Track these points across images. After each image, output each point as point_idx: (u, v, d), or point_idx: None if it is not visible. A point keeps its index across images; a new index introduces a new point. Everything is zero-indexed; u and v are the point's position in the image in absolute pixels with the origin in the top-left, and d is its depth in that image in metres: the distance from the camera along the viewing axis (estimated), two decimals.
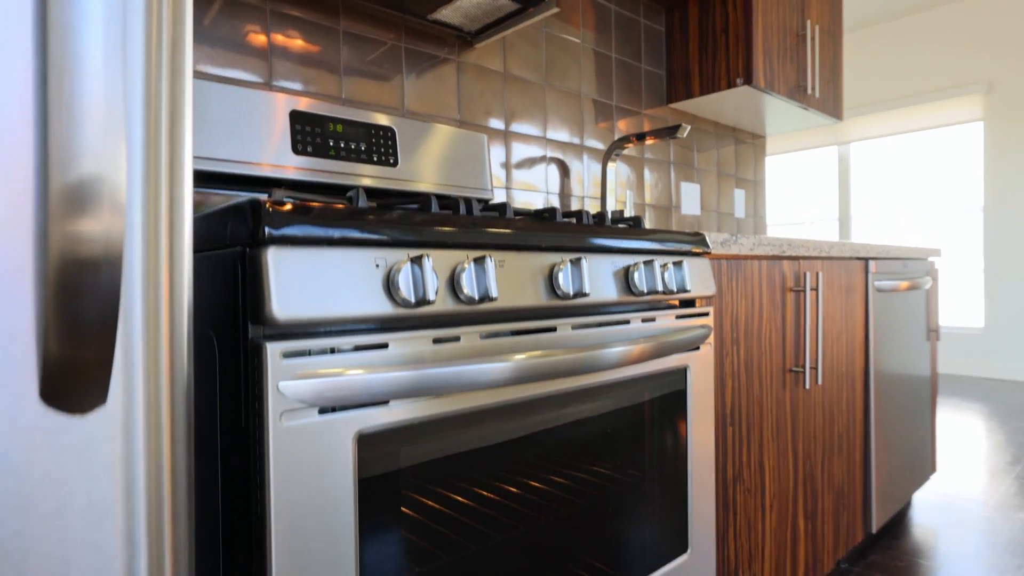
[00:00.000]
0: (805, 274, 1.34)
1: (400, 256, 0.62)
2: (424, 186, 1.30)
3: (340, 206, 0.60)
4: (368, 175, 1.21)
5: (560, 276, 0.75)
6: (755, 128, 2.40)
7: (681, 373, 0.97)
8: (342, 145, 1.18)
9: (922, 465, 1.96)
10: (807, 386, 1.33)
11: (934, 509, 2.04)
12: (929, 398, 2.02)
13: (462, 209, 0.74)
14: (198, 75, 1.11)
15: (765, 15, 1.90)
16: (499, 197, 1.59)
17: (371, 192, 1.24)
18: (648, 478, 0.90)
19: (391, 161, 1.25)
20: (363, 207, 0.63)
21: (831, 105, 2.22)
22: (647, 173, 2.03)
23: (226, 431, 0.57)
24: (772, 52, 1.93)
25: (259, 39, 1.18)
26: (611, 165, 1.73)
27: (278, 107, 1.11)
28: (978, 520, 1.94)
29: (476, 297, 0.65)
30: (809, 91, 2.06)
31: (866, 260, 1.62)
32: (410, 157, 1.29)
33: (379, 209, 0.62)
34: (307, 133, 1.14)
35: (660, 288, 0.87)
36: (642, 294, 0.86)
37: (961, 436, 2.92)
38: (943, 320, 4.59)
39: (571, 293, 0.75)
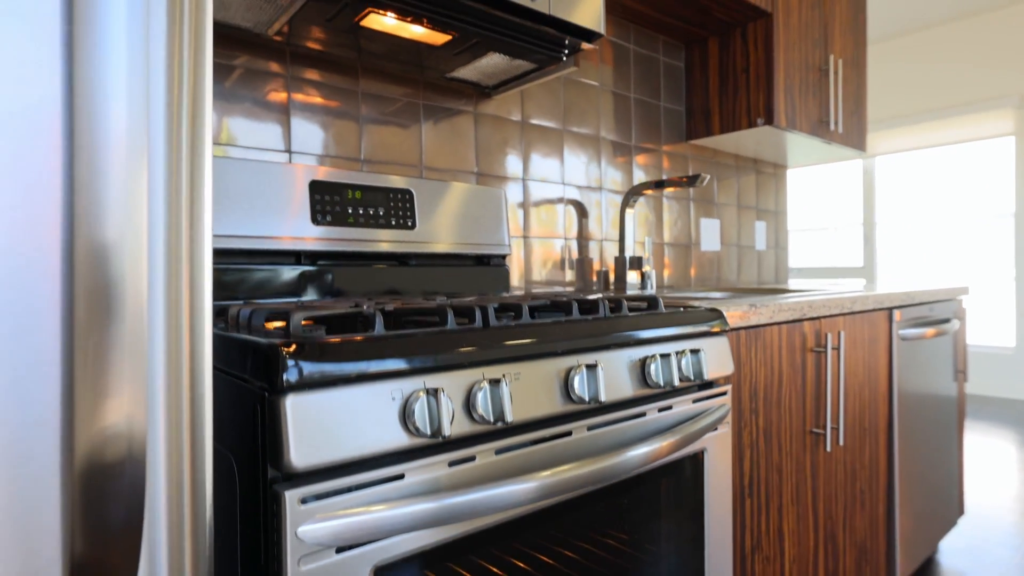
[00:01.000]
0: (827, 335, 1.32)
1: (416, 385, 0.62)
2: (442, 246, 1.31)
3: (358, 338, 0.61)
4: (386, 239, 1.23)
5: (576, 381, 0.76)
6: (777, 159, 2.37)
7: (698, 454, 0.97)
8: (360, 212, 1.20)
9: (949, 509, 1.92)
10: (828, 448, 1.31)
11: (963, 555, 2.00)
12: (956, 438, 1.97)
13: (478, 318, 0.74)
14: (219, 149, 1.13)
15: (787, 52, 1.88)
16: (516, 248, 1.59)
17: (389, 256, 1.25)
18: (664, 553, 0.90)
19: (409, 224, 1.26)
20: (379, 334, 0.64)
21: (855, 138, 2.19)
22: (666, 211, 2.02)
23: (246, 565, 0.58)
24: (794, 89, 1.90)
25: (279, 104, 1.20)
26: (629, 211, 1.72)
27: (297, 178, 1.13)
28: (1011, 568, 1.90)
29: (491, 420, 0.65)
30: (832, 127, 2.03)
31: (890, 310, 1.59)
32: (428, 218, 1.30)
33: (395, 336, 0.63)
34: (326, 203, 1.15)
35: (677, 380, 0.87)
36: (659, 387, 0.86)
37: (991, 466, 2.86)
38: (972, 339, 4.48)
39: (586, 399, 0.75)
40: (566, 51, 1.24)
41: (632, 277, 1.73)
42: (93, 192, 0.37)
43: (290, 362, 0.55)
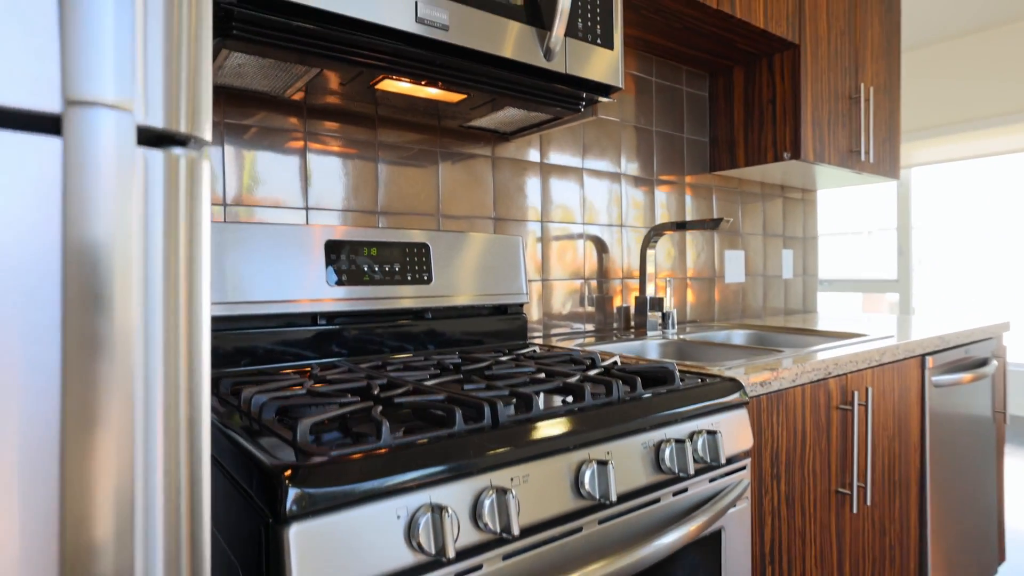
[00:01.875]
0: (853, 392, 1.28)
1: (422, 500, 0.62)
2: (458, 299, 1.30)
3: (357, 455, 0.60)
4: (402, 295, 1.22)
5: (586, 477, 0.74)
6: (805, 184, 2.31)
7: (715, 533, 0.94)
8: (376, 269, 1.20)
9: (988, 556, 1.85)
10: (855, 510, 1.27)
11: None
12: (996, 482, 1.90)
13: (486, 415, 0.73)
14: (241, 210, 1.14)
15: (815, 84, 1.83)
16: (535, 289, 1.58)
17: (405, 312, 1.25)
18: None
19: (425, 278, 1.26)
20: (385, 445, 0.63)
21: (887, 166, 2.12)
22: (689, 244, 1.98)
23: None
24: (822, 122, 1.85)
25: (297, 159, 1.21)
26: (650, 251, 1.69)
27: (314, 239, 1.13)
28: None
29: (498, 531, 0.65)
30: (863, 157, 1.97)
31: (922, 357, 1.54)
32: (444, 271, 1.29)
33: (402, 446, 0.63)
34: (342, 262, 1.16)
35: (691, 468, 0.85)
36: (673, 473, 0.84)
37: None
38: (1012, 356, 4.32)
39: (596, 496, 0.74)
40: (584, 103, 1.23)
41: (653, 316, 1.70)
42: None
43: (294, 491, 0.55)
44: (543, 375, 0.98)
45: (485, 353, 1.23)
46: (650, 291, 1.71)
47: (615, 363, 1.10)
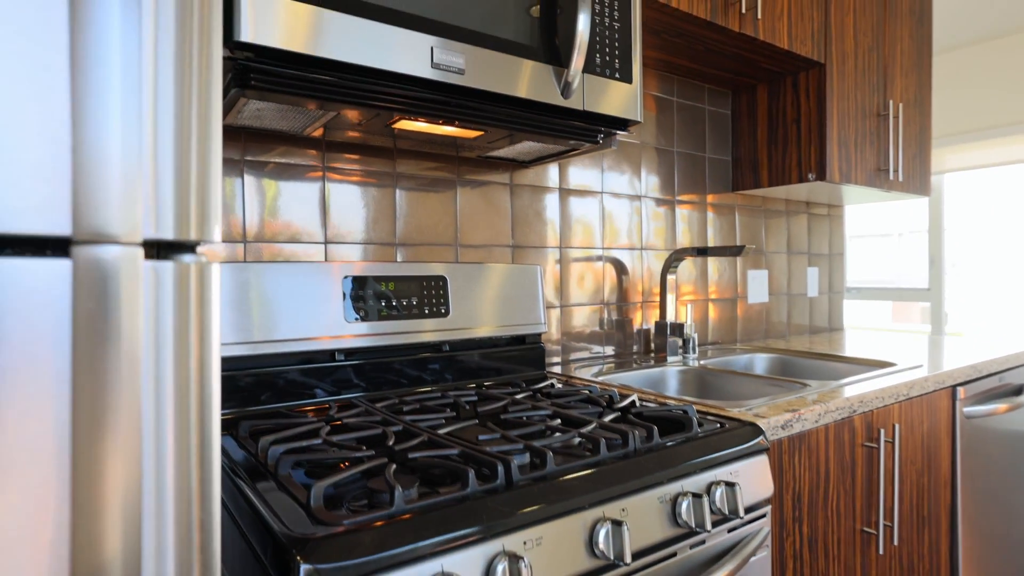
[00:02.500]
0: (879, 429, 1.25)
1: (434, 568, 0.62)
2: (476, 332, 1.30)
3: (369, 525, 0.61)
4: (420, 330, 1.23)
5: (600, 536, 0.73)
6: (832, 200, 2.26)
7: None
8: (394, 303, 1.20)
9: None
10: (881, 550, 1.24)
11: None
12: None
13: (500, 474, 0.73)
14: (262, 247, 1.15)
15: (841, 102, 1.78)
16: (554, 316, 1.57)
17: (422, 346, 1.25)
18: None
19: (443, 311, 1.26)
20: (398, 512, 0.63)
21: (916, 183, 2.06)
22: (711, 264, 1.95)
23: None
24: (848, 141, 1.81)
25: (316, 192, 1.22)
26: (671, 276, 1.67)
27: (333, 276, 1.14)
28: None
29: None
30: (892, 175, 1.92)
31: (953, 388, 1.49)
32: (462, 303, 1.29)
33: (417, 511, 0.63)
34: (360, 298, 1.16)
35: (709, 523, 0.83)
36: (689, 527, 0.83)
37: None
38: None
39: (611, 557, 0.73)
40: (602, 136, 1.22)
41: (674, 340, 1.68)
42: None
43: (306, 567, 0.55)
44: (558, 421, 0.97)
45: (502, 389, 1.22)
46: (671, 314, 1.69)
47: (632, 403, 1.09)
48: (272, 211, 1.17)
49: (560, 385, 1.29)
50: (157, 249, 0.40)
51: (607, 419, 0.96)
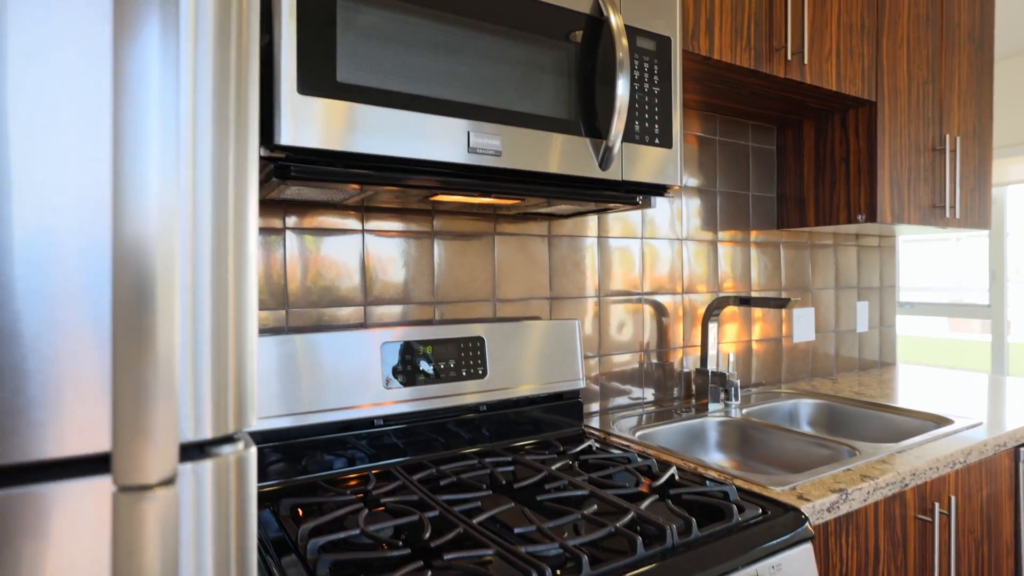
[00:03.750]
0: (934, 502, 1.19)
1: None
2: (514, 391, 1.30)
3: None
4: (458, 392, 1.23)
5: None
6: (883, 232, 2.18)
7: None
8: (431, 368, 1.21)
9: None
10: None
11: None
12: None
13: None
14: (301, 309, 1.18)
15: (893, 141, 1.71)
16: (592, 365, 1.56)
17: (460, 408, 1.26)
18: None
19: (480, 372, 1.27)
20: None
21: (976, 217, 1.96)
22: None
23: None
24: (901, 181, 1.73)
25: (355, 255, 1.24)
26: (712, 324, 1.64)
27: (371, 343, 1.16)
28: None
29: None
30: (948, 213, 1.83)
31: (1016, 449, 1.42)
32: (499, 363, 1.29)
33: None
34: (398, 364, 1.18)
35: None
36: None
37: None
38: None
39: None
40: (640, 199, 1.20)
41: (715, 388, 1.65)
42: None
43: None
44: (595, 507, 0.96)
45: (539, 455, 1.22)
46: (712, 359, 1.65)
47: (672, 479, 1.07)
48: (313, 276, 1.20)
49: (597, 446, 1.28)
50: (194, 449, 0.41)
51: (645, 504, 0.94)
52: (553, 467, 1.12)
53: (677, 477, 1.09)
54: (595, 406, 1.58)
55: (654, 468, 1.12)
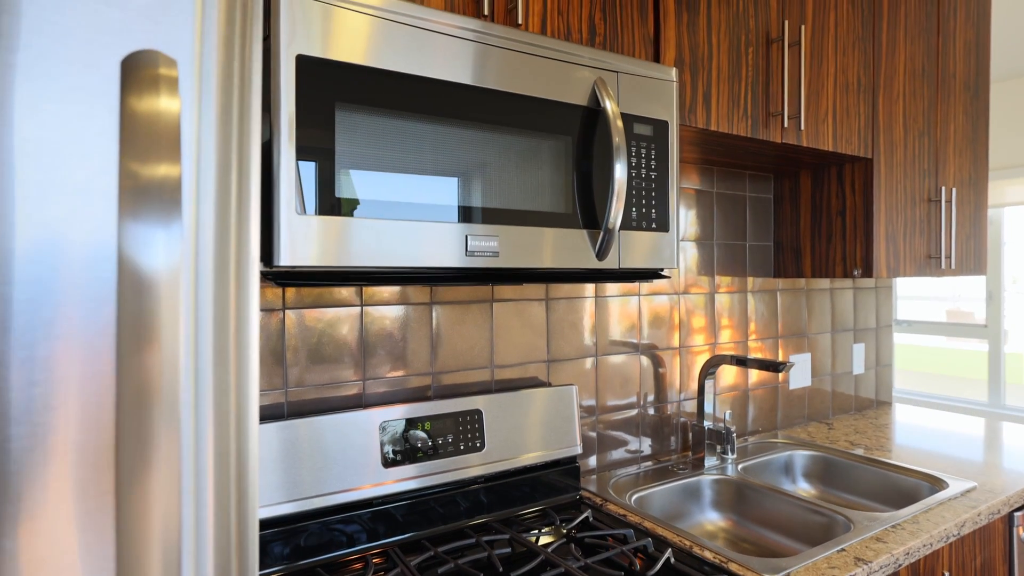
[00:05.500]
0: None
1: None
2: (512, 462, 1.31)
3: None
4: (456, 467, 1.24)
5: None
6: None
7: None
8: (430, 444, 1.22)
9: None
10: None
11: None
12: None
13: None
14: (301, 388, 1.19)
15: (889, 196, 1.72)
16: (590, 420, 1.57)
17: (459, 483, 1.27)
18: None
19: (477, 445, 1.28)
20: None
21: (971, 264, 1.98)
22: (751, 352, 1.91)
23: None
24: (897, 235, 1.75)
25: (353, 334, 1.24)
26: (708, 380, 1.65)
27: (371, 423, 1.17)
28: None
29: None
30: (943, 263, 1.85)
31: (1010, 514, 1.43)
32: (497, 434, 1.30)
33: None
34: (396, 442, 1.18)
35: None
36: None
37: None
38: None
39: None
40: (638, 280, 1.21)
41: (711, 444, 1.66)
42: None
43: None
44: None
45: (535, 531, 1.22)
46: (708, 412, 1.66)
47: (668, 562, 1.08)
48: (312, 355, 1.20)
49: (594, 518, 1.29)
50: None
51: None
52: (550, 549, 1.13)
53: (672, 561, 1.10)
54: (593, 460, 1.59)
55: (650, 548, 1.13)
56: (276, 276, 0.86)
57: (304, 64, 0.81)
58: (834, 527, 1.31)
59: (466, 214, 0.93)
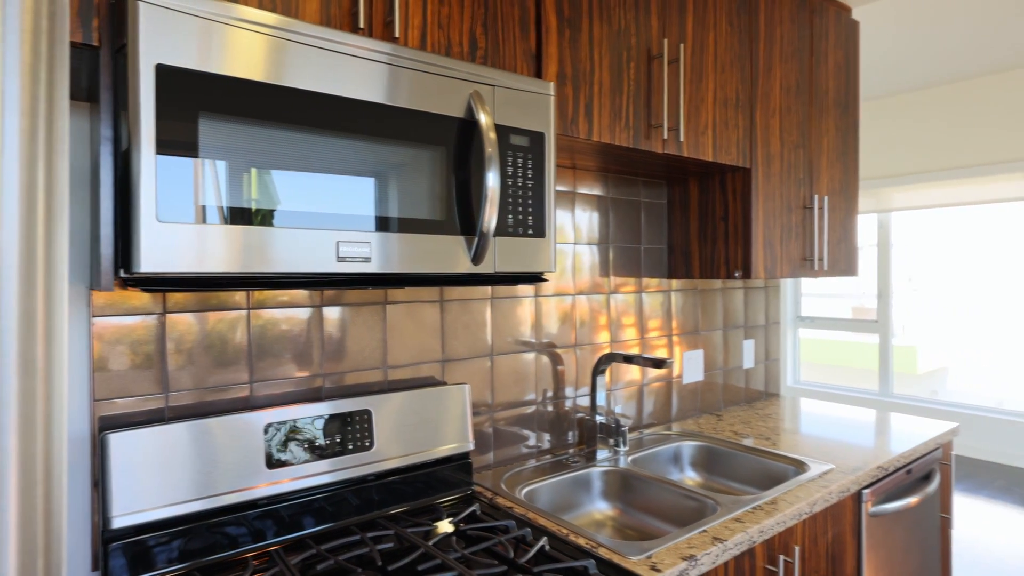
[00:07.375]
0: (779, 556, 1.33)
1: None
2: (402, 460, 1.35)
3: None
4: (344, 467, 1.27)
5: None
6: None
7: None
8: (317, 444, 1.24)
9: None
10: None
11: None
12: None
13: None
14: (191, 391, 1.18)
15: (767, 203, 1.86)
16: (486, 418, 1.62)
17: (347, 482, 1.29)
18: None
19: (367, 444, 1.31)
20: None
21: (842, 266, 2.16)
22: (647, 350, 2.02)
23: None
24: (774, 240, 1.89)
25: (240, 330, 1.25)
26: (600, 377, 1.74)
27: (255, 426, 1.18)
28: None
29: None
30: (816, 266, 2.01)
31: (859, 492, 1.58)
32: (386, 433, 1.34)
33: None
34: (283, 443, 1.20)
35: None
36: None
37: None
38: (955, 396, 4.37)
39: None
40: (520, 283, 1.27)
41: (603, 437, 1.75)
42: None
43: None
44: None
45: (420, 527, 1.26)
46: (605, 403, 1.75)
47: (543, 549, 1.14)
48: (198, 359, 1.20)
49: (481, 511, 1.35)
50: None
51: None
52: (431, 541, 1.17)
53: (547, 548, 1.17)
54: (491, 456, 1.65)
55: (528, 538, 1.20)
56: (139, 282, 0.86)
57: (164, 73, 0.82)
58: (704, 510, 1.41)
59: (338, 221, 0.96)
